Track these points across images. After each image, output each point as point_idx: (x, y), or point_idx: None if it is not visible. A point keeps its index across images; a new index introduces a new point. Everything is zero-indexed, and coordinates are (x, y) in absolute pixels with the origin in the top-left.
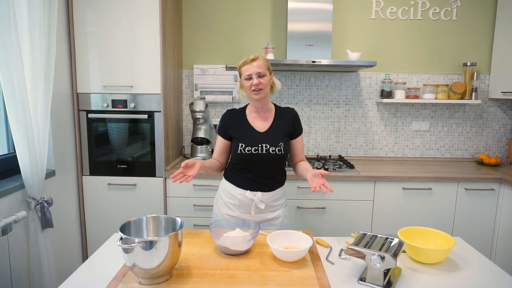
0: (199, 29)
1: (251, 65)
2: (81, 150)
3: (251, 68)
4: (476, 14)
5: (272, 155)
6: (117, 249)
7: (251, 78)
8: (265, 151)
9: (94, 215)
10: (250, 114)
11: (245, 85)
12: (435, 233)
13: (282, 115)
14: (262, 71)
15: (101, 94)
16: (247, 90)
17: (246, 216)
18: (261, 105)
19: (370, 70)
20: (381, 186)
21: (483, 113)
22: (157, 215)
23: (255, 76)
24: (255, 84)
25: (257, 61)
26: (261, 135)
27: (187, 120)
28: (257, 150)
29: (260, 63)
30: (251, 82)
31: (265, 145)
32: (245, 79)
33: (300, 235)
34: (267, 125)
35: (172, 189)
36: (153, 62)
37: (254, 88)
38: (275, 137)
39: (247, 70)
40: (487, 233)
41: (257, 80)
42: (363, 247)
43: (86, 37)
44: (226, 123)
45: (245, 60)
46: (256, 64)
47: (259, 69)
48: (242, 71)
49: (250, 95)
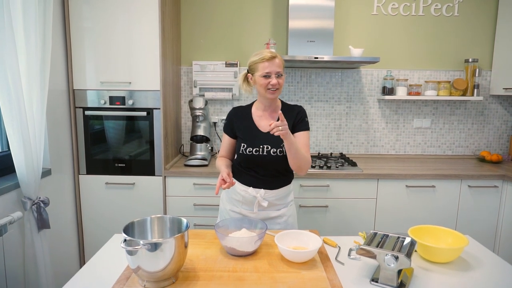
0: (198, 24)
1: (271, 62)
2: (78, 148)
3: (271, 66)
4: (477, 10)
5: (272, 156)
6: (119, 251)
7: (269, 76)
8: (265, 152)
9: (91, 215)
10: (256, 112)
11: (260, 82)
12: (446, 231)
13: (288, 113)
14: (280, 71)
15: (98, 90)
16: (261, 88)
17: (249, 213)
18: (269, 103)
19: (371, 66)
20: (384, 184)
21: (484, 110)
22: (161, 216)
23: (275, 75)
24: (273, 84)
25: (277, 60)
26: (264, 135)
27: (186, 117)
28: (258, 152)
29: (279, 62)
30: (269, 80)
31: (266, 146)
32: (263, 76)
33: (308, 234)
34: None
35: (171, 188)
36: (152, 57)
37: (271, 88)
38: (277, 137)
39: (266, 67)
40: (490, 230)
41: (276, 80)
42: (376, 247)
43: (83, 33)
44: (231, 121)
45: (264, 57)
46: (276, 63)
47: (279, 68)
48: (259, 67)
49: (264, 93)
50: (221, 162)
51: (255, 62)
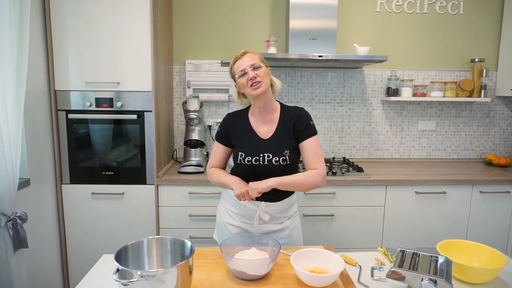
0: (191, 20)
1: (241, 60)
2: (60, 155)
3: (243, 63)
4: (483, 8)
5: (275, 166)
6: (109, 274)
7: (245, 73)
8: (267, 161)
9: (76, 231)
10: (253, 117)
11: (241, 83)
12: (479, 247)
13: (288, 117)
14: (255, 63)
15: (83, 91)
16: (245, 88)
17: (249, 227)
18: (263, 103)
19: (375, 66)
20: (393, 191)
21: (490, 112)
22: (160, 237)
23: (250, 68)
24: (251, 78)
25: (248, 54)
26: (264, 142)
27: (179, 120)
28: (258, 161)
29: (252, 55)
30: (247, 77)
31: (267, 155)
32: (240, 76)
33: (327, 254)
34: (271, 129)
35: (165, 198)
36: (142, 56)
37: (251, 83)
38: (279, 144)
39: (239, 66)
40: (502, 238)
41: (252, 72)
42: (408, 269)
43: (65, 29)
44: (227, 129)
45: (235, 57)
46: (247, 58)
47: (252, 61)
48: (235, 70)
49: (250, 93)
50: (221, 172)
51: (230, 67)
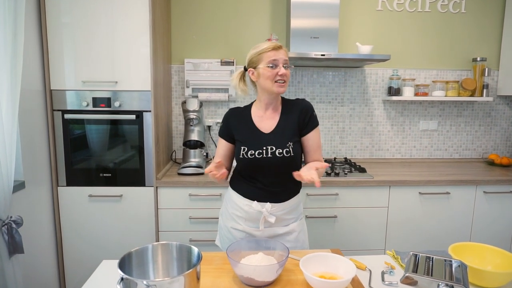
0: (190, 18)
1: (278, 51)
2: (56, 157)
3: (279, 55)
4: (484, 7)
5: (279, 158)
6: (110, 281)
7: (276, 66)
8: (270, 154)
9: (72, 234)
10: (256, 113)
11: (267, 74)
12: (492, 250)
13: (290, 110)
14: (287, 60)
15: (79, 91)
16: (268, 81)
17: (254, 231)
18: (274, 100)
19: (376, 65)
20: (396, 191)
21: (491, 111)
22: (166, 242)
23: (282, 64)
24: (282, 74)
25: (282, 50)
26: (266, 136)
27: (177, 121)
28: (261, 154)
29: (284, 52)
30: (277, 71)
31: (270, 147)
32: (269, 66)
33: (337, 258)
34: (273, 124)
35: (164, 200)
36: (141, 54)
37: (279, 79)
38: (282, 136)
39: (272, 56)
40: (506, 239)
41: (284, 70)
42: (423, 274)
43: (61, 28)
44: (228, 123)
45: (268, 46)
46: (284, 52)
47: (286, 56)
48: (263, 57)
49: (271, 87)
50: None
51: (259, 53)
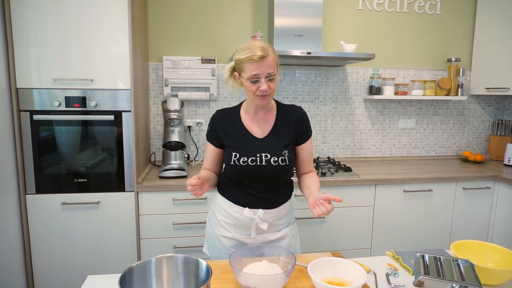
0: (167, 14)
1: (260, 63)
2: (24, 162)
3: (261, 68)
4: (458, 9)
5: (273, 167)
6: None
7: (258, 81)
8: (265, 162)
9: (44, 247)
10: (246, 115)
11: (249, 88)
12: (492, 248)
13: (286, 116)
14: (273, 72)
15: (50, 89)
16: (250, 93)
17: (245, 239)
18: (261, 106)
19: (357, 65)
20: (382, 190)
21: (464, 110)
22: (171, 255)
23: (265, 79)
24: (263, 90)
25: (268, 59)
26: (260, 142)
27: (155, 121)
28: (254, 161)
29: (271, 61)
30: (258, 86)
31: (264, 155)
32: (251, 80)
33: (345, 263)
34: (267, 128)
35: (146, 206)
36: (120, 51)
37: (261, 94)
38: (277, 144)
39: (253, 69)
40: (483, 231)
41: (266, 85)
42: (438, 277)
43: (27, 22)
44: (216, 127)
45: (252, 56)
46: (267, 63)
47: (270, 68)
48: (246, 68)
49: (253, 99)
50: (201, 172)
51: (242, 61)
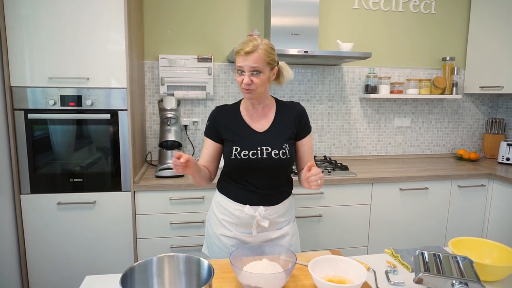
0: (165, 12)
1: (246, 57)
2: (18, 161)
3: (245, 61)
4: (452, 8)
5: (275, 159)
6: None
7: (242, 73)
8: (266, 155)
9: (39, 247)
10: (246, 110)
11: (236, 78)
12: (490, 244)
13: (285, 112)
14: (258, 66)
15: (45, 88)
16: (238, 85)
17: (246, 237)
18: (257, 101)
19: (354, 64)
20: (379, 188)
21: (459, 109)
22: (172, 254)
23: (248, 73)
24: (245, 83)
25: (254, 54)
26: (260, 135)
27: (151, 120)
28: (255, 154)
29: (258, 57)
30: (242, 78)
31: (265, 148)
32: (237, 71)
33: (345, 261)
34: (267, 123)
35: (142, 205)
36: (116, 49)
37: (244, 87)
38: (278, 137)
39: (239, 61)
40: (478, 229)
41: (248, 78)
42: (437, 273)
43: (21, 20)
44: (216, 121)
45: (240, 49)
46: (253, 58)
47: (255, 63)
48: (236, 59)
49: (241, 91)
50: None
51: (235, 52)
